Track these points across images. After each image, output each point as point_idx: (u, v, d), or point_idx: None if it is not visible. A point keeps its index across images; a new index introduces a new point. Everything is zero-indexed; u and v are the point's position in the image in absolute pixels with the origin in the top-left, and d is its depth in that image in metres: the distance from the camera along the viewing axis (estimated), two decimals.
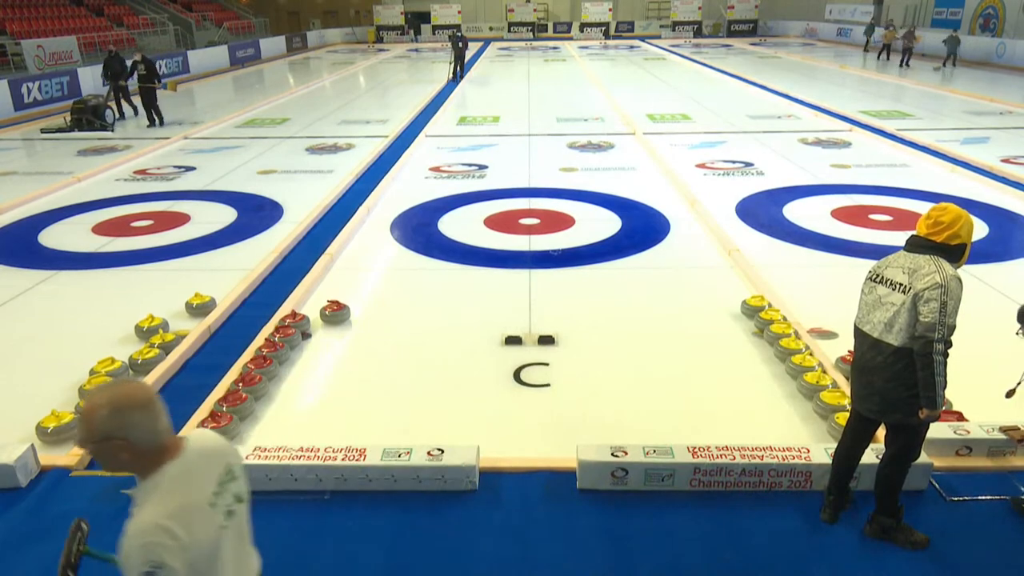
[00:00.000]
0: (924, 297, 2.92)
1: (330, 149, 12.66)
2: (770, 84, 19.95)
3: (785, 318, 5.47)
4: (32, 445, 3.99)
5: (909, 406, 3.09)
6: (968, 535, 3.45)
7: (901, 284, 3.02)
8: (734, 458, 3.74)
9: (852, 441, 3.46)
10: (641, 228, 8.07)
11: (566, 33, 43.36)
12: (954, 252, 3.01)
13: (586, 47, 35.99)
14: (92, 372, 4.85)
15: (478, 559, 3.36)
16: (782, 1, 42.85)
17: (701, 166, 10.87)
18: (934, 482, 3.78)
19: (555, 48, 35.81)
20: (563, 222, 8.28)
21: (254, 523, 3.61)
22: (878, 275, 3.18)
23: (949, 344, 2.94)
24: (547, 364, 5.12)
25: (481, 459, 3.91)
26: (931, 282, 2.92)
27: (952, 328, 2.92)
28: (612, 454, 3.78)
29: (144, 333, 5.52)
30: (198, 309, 5.94)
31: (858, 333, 3.26)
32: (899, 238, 7.49)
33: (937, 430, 3.93)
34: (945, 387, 2.99)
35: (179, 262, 7.28)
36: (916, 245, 3.08)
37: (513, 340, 5.44)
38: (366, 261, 7.34)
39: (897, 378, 3.07)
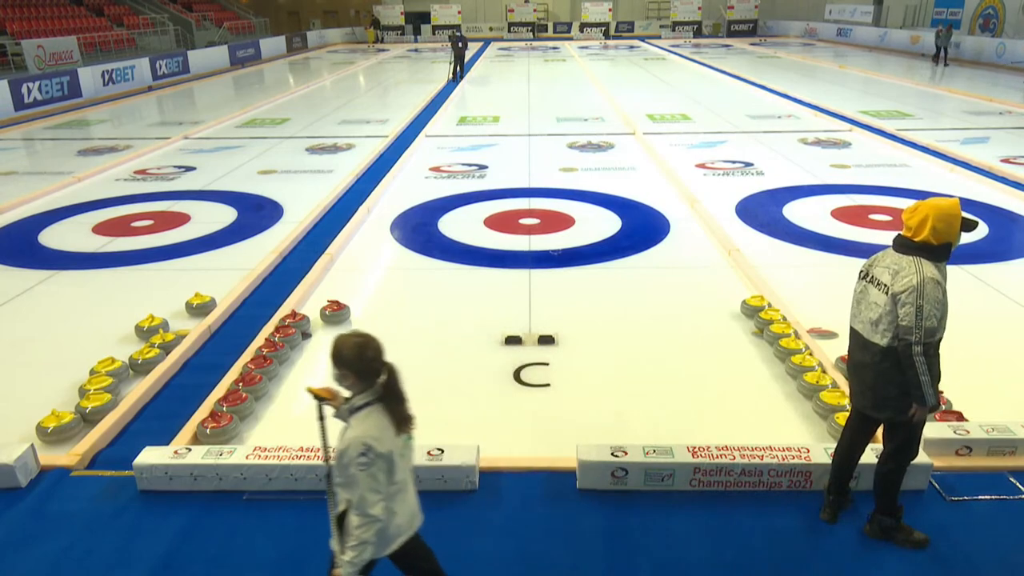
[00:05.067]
0: (901, 300, 2.95)
1: (330, 149, 12.66)
2: (770, 84, 19.95)
3: (785, 318, 5.47)
4: (32, 445, 3.99)
5: (899, 403, 3.10)
6: (968, 535, 3.45)
7: (884, 285, 3.04)
8: (734, 458, 3.74)
9: (851, 440, 3.47)
10: (641, 228, 8.06)
11: (566, 33, 43.35)
12: (938, 251, 3.00)
13: (586, 47, 35.99)
14: (92, 372, 4.85)
15: (478, 559, 3.37)
16: (782, 1, 42.86)
17: (701, 166, 10.87)
18: (934, 482, 3.78)
19: (555, 48, 35.81)
20: (563, 222, 8.28)
21: (254, 522, 3.63)
22: (867, 273, 3.20)
23: (931, 344, 2.93)
24: (547, 364, 5.12)
25: (481, 459, 3.91)
26: (907, 285, 2.94)
27: (931, 330, 2.91)
28: (612, 454, 3.78)
29: (144, 333, 5.52)
30: (198, 309, 5.93)
31: (851, 330, 3.29)
32: None
33: (937, 430, 3.94)
34: (935, 384, 2.99)
35: (179, 262, 7.28)
36: (901, 245, 3.08)
37: (513, 340, 5.44)
38: (366, 261, 7.34)
39: (884, 376, 3.09)
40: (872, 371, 3.13)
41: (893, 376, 3.06)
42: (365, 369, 2.40)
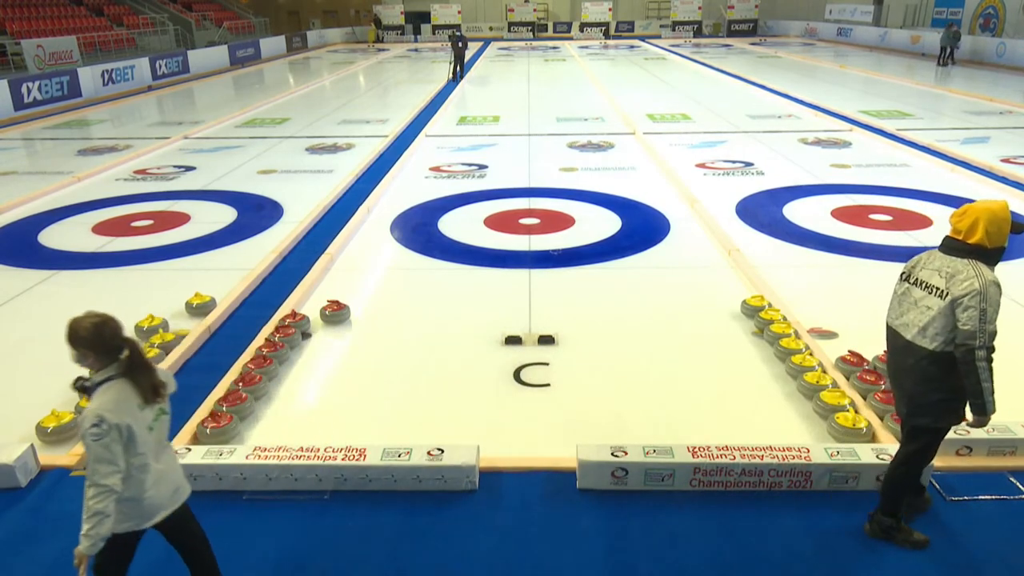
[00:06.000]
0: (963, 304, 2.86)
1: (330, 149, 12.66)
2: (770, 84, 19.95)
3: (785, 318, 5.47)
4: (32, 445, 3.99)
5: (938, 410, 3.05)
6: (968, 535, 3.45)
7: (938, 288, 2.95)
8: (734, 458, 3.74)
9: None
10: (641, 228, 8.06)
11: (566, 33, 43.35)
12: (992, 254, 2.93)
13: (586, 47, 35.99)
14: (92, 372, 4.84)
15: (478, 559, 3.37)
16: (782, 1, 42.85)
17: (701, 166, 10.87)
18: (934, 482, 3.78)
19: (555, 48, 35.81)
20: (563, 222, 8.28)
21: (254, 522, 3.64)
22: (912, 275, 3.11)
23: (992, 348, 2.89)
24: (547, 364, 5.12)
25: (481, 459, 3.91)
26: (969, 288, 2.85)
27: (993, 334, 2.86)
28: (612, 454, 3.78)
29: (144, 333, 5.52)
30: (198, 309, 5.93)
31: (890, 332, 3.21)
32: (899, 238, 7.53)
33: None
34: (993, 392, 2.92)
35: (179, 262, 7.27)
36: (951, 248, 2.99)
37: (513, 340, 5.44)
38: (366, 261, 7.34)
39: (928, 382, 3.02)
40: (913, 376, 3.06)
41: (937, 382, 2.99)
42: (105, 347, 2.48)
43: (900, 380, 3.16)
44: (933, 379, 3.01)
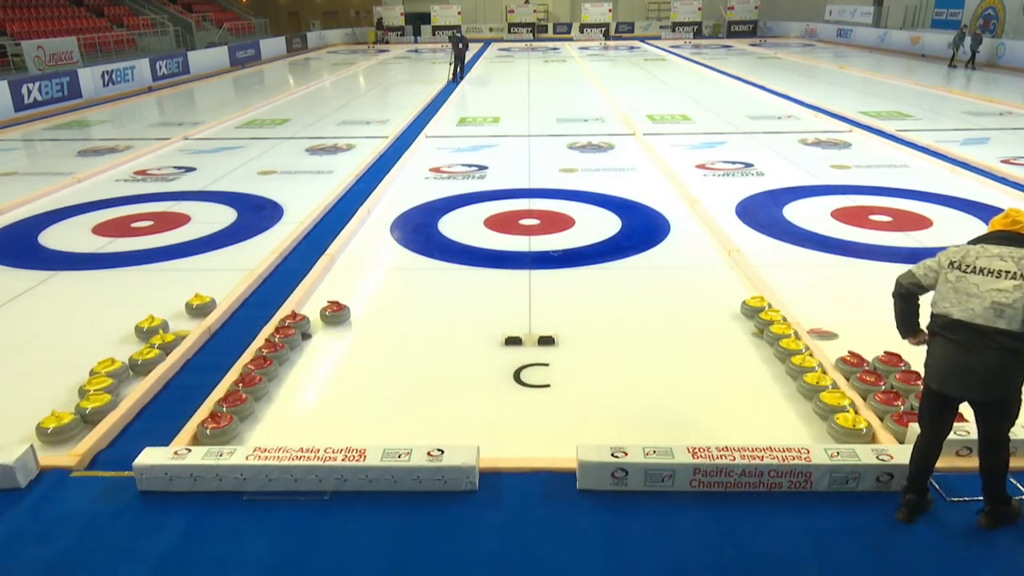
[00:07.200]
0: None
1: (330, 150, 12.66)
2: (770, 85, 19.96)
3: (785, 319, 5.47)
4: (32, 445, 3.98)
5: (1013, 383, 3.16)
6: (968, 535, 3.45)
7: (1008, 271, 3.11)
8: (734, 458, 3.74)
9: (933, 431, 3.43)
10: (641, 228, 8.07)
11: (566, 34, 43.38)
12: None
13: (586, 48, 36.01)
14: (92, 372, 4.85)
15: (478, 559, 3.36)
16: (782, 2, 42.87)
17: (701, 167, 10.87)
18: (934, 482, 3.77)
19: (555, 49, 35.82)
20: (563, 223, 8.28)
21: (254, 523, 3.63)
22: (965, 264, 3.21)
23: None
24: (547, 364, 5.12)
25: (481, 459, 3.91)
26: None
27: None
28: (612, 454, 3.78)
29: (144, 333, 5.52)
30: (198, 309, 5.93)
31: (950, 322, 3.21)
32: (899, 238, 7.53)
33: None
34: None
35: (179, 262, 7.28)
36: (1010, 238, 3.21)
37: (513, 341, 5.44)
38: (366, 262, 7.35)
39: (1007, 357, 3.11)
40: (987, 356, 3.12)
41: (1014, 355, 3.10)
42: None
43: (970, 363, 3.18)
44: (1011, 354, 3.11)
